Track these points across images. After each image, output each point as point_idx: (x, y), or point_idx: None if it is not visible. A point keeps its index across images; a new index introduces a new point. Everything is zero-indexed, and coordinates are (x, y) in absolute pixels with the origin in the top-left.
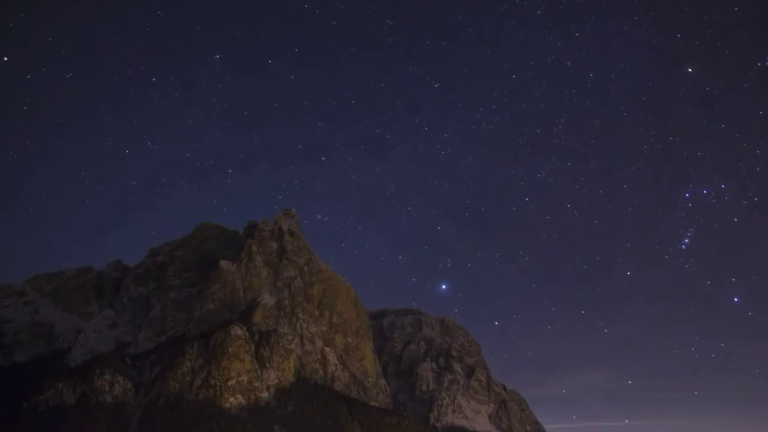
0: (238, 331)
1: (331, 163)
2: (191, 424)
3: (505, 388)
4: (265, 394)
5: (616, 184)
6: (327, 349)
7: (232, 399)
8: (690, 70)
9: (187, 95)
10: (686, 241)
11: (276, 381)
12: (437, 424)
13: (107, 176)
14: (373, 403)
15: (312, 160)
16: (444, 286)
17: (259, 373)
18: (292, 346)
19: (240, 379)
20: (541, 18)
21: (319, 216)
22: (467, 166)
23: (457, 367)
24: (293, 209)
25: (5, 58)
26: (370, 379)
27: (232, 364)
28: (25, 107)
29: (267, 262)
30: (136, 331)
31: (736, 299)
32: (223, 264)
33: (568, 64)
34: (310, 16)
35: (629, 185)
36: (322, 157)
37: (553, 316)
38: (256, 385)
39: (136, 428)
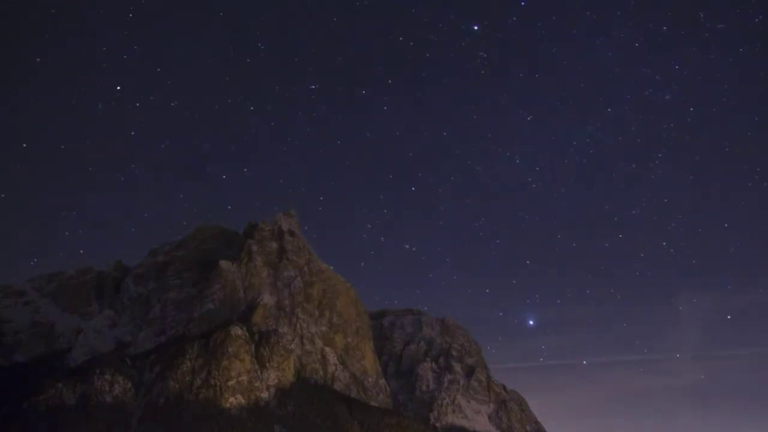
0: (238, 331)
1: (421, 193)
2: (191, 424)
3: (505, 388)
4: (265, 394)
5: (716, 223)
6: (327, 349)
7: (232, 399)
8: None
9: (282, 124)
10: None
11: (276, 381)
12: (437, 424)
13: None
14: (373, 403)
15: (402, 191)
16: (531, 322)
17: (259, 373)
18: (292, 346)
19: (240, 379)
20: (639, 50)
21: (407, 246)
22: (558, 200)
23: (457, 367)
24: (293, 210)
25: (118, 87)
26: (370, 379)
27: (232, 364)
28: (133, 133)
29: (267, 262)
30: (136, 331)
31: None
32: (223, 264)
33: (667, 97)
34: (404, 49)
35: (730, 224)
36: (412, 188)
37: (647, 360)
38: (256, 385)
39: (136, 428)
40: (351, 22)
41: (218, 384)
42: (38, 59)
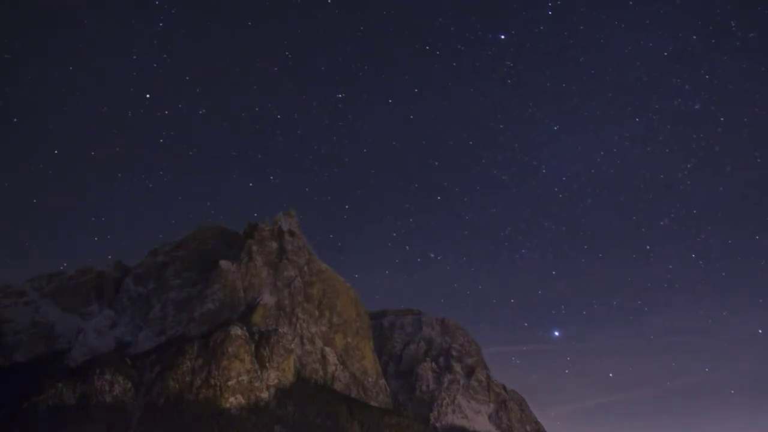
0: (238, 331)
1: (446, 202)
2: (191, 424)
3: (505, 388)
4: (265, 394)
5: (746, 235)
6: (327, 349)
7: (232, 399)
8: None
9: (309, 132)
10: None
11: (276, 381)
12: (437, 424)
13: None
14: (373, 403)
15: (427, 199)
16: (557, 333)
17: (259, 373)
18: (292, 346)
19: (240, 379)
20: (668, 60)
21: (432, 255)
22: (585, 211)
23: (457, 367)
24: (293, 210)
25: (147, 95)
26: (370, 379)
27: (232, 364)
28: (161, 140)
29: (267, 262)
30: (136, 331)
31: None
32: (223, 264)
33: (697, 107)
34: (431, 58)
35: (761, 236)
36: (438, 197)
37: (674, 373)
38: (256, 385)
39: (136, 428)
40: (378, 31)
41: (218, 384)
42: (71, 67)
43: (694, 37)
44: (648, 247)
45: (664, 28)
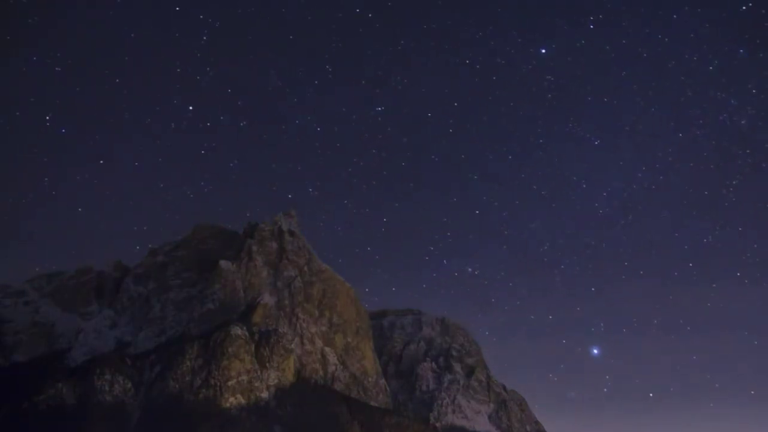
0: (238, 331)
1: (485, 217)
2: (191, 424)
3: (505, 388)
4: (265, 394)
5: None
6: (327, 349)
7: (232, 399)
8: None
9: (348, 145)
10: None
11: (276, 381)
12: (437, 424)
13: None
14: (373, 403)
15: (465, 214)
16: (596, 351)
17: (259, 373)
18: (292, 346)
19: (240, 379)
20: (713, 74)
21: (470, 269)
22: (626, 227)
23: (457, 367)
24: (293, 210)
25: (190, 107)
26: (370, 379)
27: (232, 364)
28: (202, 152)
29: (267, 262)
30: (136, 331)
31: None
32: (223, 264)
33: (743, 122)
34: (470, 72)
35: None
36: (476, 211)
37: (717, 394)
38: (256, 385)
39: (136, 428)
40: (417, 45)
41: (218, 384)
42: (117, 80)
43: (741, 50)
44: (691, 264)
45: (710, 42)
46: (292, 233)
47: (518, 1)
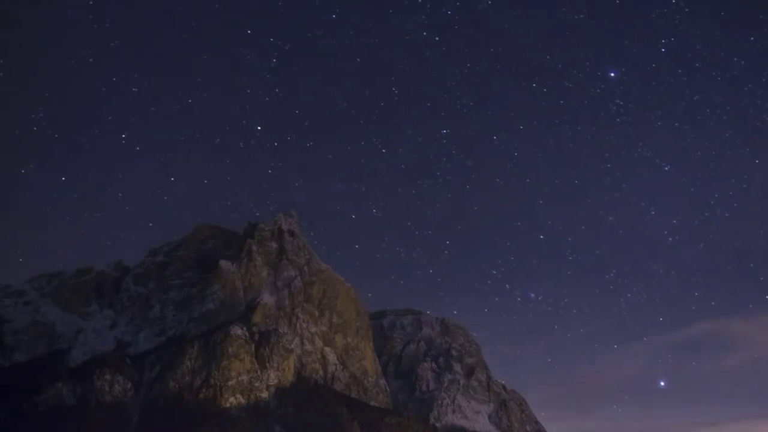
0: (238, 331)
1: (550, 242)
2: (191, 424)
3: (505, 387)
4: (265, 394)
5: None
6: (327, 349)
7: (232, 399)
8: None
9: (413, 167)
10: None
11: (276, 381)
12: (437, 424)
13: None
14: (373, 403)
15: (530, 238)
16: (662, 383)
17: (259, 373)
18: (292, 346)
19: (240, 379)
20: None
21: (533, 294)
22: (697, 255)
23: (457, 367)
24: (293, 210)
25: (258, 127)
26: (370, 379)
27: (232, 364)
28: (269, 171)
29: (267, 262)
30: (136, 331)
31: None
32: (223, 264)
33: None
34: (538, 95)
35: None
36: (541, 236)
37: None
38: (256, 385)
39: (136, 428)
40: (484, 67)
41: (218, 384)
42: (190, 100)
43: None
44: (767, 297)
45: None
46: (292, 233)
47: (586, 24)
